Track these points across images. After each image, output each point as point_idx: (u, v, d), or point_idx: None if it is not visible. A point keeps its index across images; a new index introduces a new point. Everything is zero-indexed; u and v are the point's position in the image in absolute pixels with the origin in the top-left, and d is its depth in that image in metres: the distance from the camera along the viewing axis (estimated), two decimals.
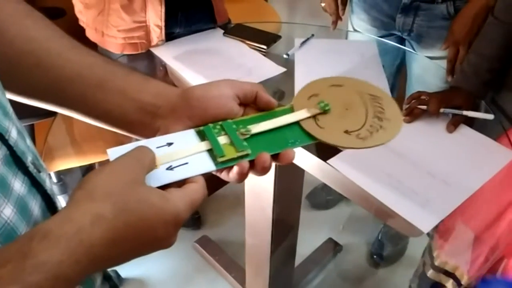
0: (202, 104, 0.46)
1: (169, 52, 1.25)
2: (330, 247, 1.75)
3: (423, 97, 1.05)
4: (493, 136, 1.01)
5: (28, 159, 0.40)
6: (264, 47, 1.29)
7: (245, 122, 0.47)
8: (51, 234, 0.31)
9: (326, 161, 0.93)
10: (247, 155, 0.44)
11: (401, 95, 1.37)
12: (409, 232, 0.90)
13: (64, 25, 0.50)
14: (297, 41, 1.32)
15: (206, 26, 1.35)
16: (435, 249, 1.12)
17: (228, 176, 0.45)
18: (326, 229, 1.82)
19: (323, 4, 1.43)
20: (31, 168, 0.39)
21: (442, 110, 1.02)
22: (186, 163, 0.42)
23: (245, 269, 1.45)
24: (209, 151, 0.44)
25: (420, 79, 1.37)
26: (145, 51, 1.26)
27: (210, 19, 1.34)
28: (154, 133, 0.48)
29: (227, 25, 1.40)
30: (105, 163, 0.38)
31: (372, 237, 1.75)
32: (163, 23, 1.22)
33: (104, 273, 0.52)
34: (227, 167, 0.44)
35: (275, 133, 0.47)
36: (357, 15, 1.43)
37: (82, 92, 0.46)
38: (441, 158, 0.96)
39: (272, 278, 1.35)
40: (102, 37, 1.24)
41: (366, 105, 0.51)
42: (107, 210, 0.34)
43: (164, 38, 1.25)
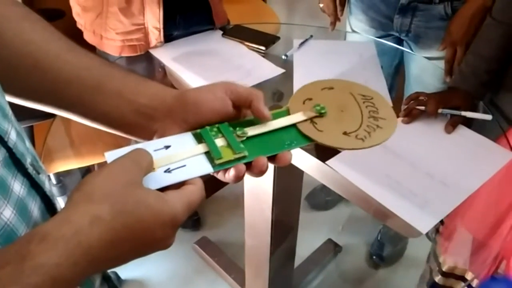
0: (196, 108, 0.46)
1: (168, 54, 1.25)
2: (330, 248, 1.75)
3: (421, 98, 1.05)
4: (491, 137, 1.01)
5: (27, 161, 0.40)
6: (263, 48, 1.29)
7: (242, 125, 0.47)
8: (50, 236, 0.31)
9: (325, 162, 0.93)
10: (244, 157, 0.44)
11: (400, 96, 1.37)
12: (408, 232, 0.90)
13: (63, 26, 0.51)
14: (296, 42, 1.32)
15: (205, 28, 1.35)
16: (440, 254, 1.12)
17: (225, 177, 0.45)
18: (326, 230, 1.82)
19: (321, 5, 1.44)
20: (30, 170, 0.40)
21: (440, 110, 1.02)
22: (184, 165, 0.42)
23: (245, 270, 1.45)
24: (207, 154, 0.44)
25: (418, 80, 1.38)
26: (143, 53, 1.26)
27: (208, 21, 1.34)
28: (152, 135, 0.48)
29: (225, 26, 1.40)
30: (103, 165, 0.38)
31: (372, 238, 1.75)
32: (162, 26, 1.22)
33: (103, 274, 0.52)
34: (225, 168, 0.44)
35: (272, 135, 0.47)
36: (355, 16, 1.44)
37: (80, 94, 0.46)
38: (440, 159, 0.96)
39: (272, 279, 1.35)
40: (100, 40, 1.24)
41: (360, 106, 0.51)
42: (105, 211, 0.34)
43: (162, 40, 1.25)
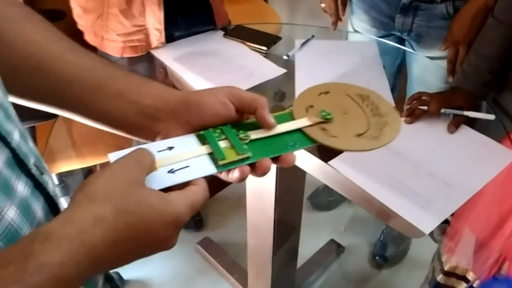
0: (199, 110, 0.46)
1: (169, 54, 1.25)
2: (332, 248, 1.75)
3: (423, 98, 1.05)
4: (495, 137, 1.01)
5: (31, 161, 0.40)
6: (265, 48, 1.29)
7: (245, 127, 0.47)
8: (53, 235, 0.32)
9: (327, 163, 0.93)
10: (247, 158, 0.44)
11: (402, 96, 1.37)
12: (411, 233, 0.90)
13: (63, 27, 0.50)
14: (298, 42, 1.32)
15: (206, 29, 1.36)
16: (443, 254, 1.12)
17: (228, 177, 0.45)
18: (328, 230, 1.82)
19: (323, 5, 1.43)
20: (34, 170, 0.40)
21: (443, 110, 1.02)
22: (188, 166, 0.42)
23: (247, 271, 1.45)
24: (210, 155, 0.44)
25: (420, 79, 1.37)
26: (145, 53, 1.26)
27: (210, 22, 1.34)
28: (155, 136, 0.48)
29: (227, 26, 1.40)
30: (106, 165, 0.38)
31: (374, 238, 1.75)
32: (163, 27, 1.22)
33: (106, 274, 0.52)
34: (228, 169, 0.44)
35: (275, 137, 0.47)
36: (357, 16, 1.44)
37: (82, 94, 0.46)
38: (442, 159, 0.96)
39: (274, 280, 1.35)
40: (101, 41, 1.24)
41: (360, 106, 0.51)
42: (108, 211, 0.34)
43: (164, 40, 1.25)
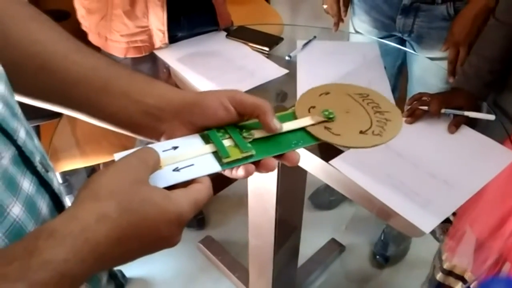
0: (202, 112, 0.47)
1: (172, 55, 1.25)
2: (333, 247, 1.76)
3: (424, 98, 1.05)
4: (495, 138, 1.01)
5: (36, 159, 0.40)
6: (267, 49, 1.30)
7: (248, 127, 0.48)
8: (57, 232, 0.32)
9: (328, 162, 0.94)
10: (251, 156, 0.45)
11: (403, 96, 1.38)
12: (411, 232, 0.90)
13: (68, 28, 0.50)
14: (299, 43, 1.33)
15: (209, 30, 1.36)
16: (444, 252, 1.12)
17: (232, 173, 0.45)
18: (329, 229, 1.82)
19: (325, 6, 1.44)
20: (39, 168, 0.40)
21: (443, 110, 1.02)
22: (192, 164, 0.43)
23: (249, 269, 1.45)
24: (214, 153, 0.45)
25: (421, 80, 1.38)
26: (148, 54, 1.26)
27: (212, 23, 1.35)
28: (159, 136, 0.48)
29: (229, 27, 1.40)
30: (110, 164, 0.39)
31: (375, 238, 1.76)
32: (166, 28, 1.23)
33: (110, 272, 0.53)
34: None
35: (278, 135, 0.48)
36: (358, 17, 1.44)
37: (87, 94, 0.46)
38: (443, 158, 0.96)
39: (275, 278, 1.35)
40: (105, 42, 1.24)
41: (362, 104, 0.52)
42: (112, 209, 0.34)
43: (167, 41, 1.26)
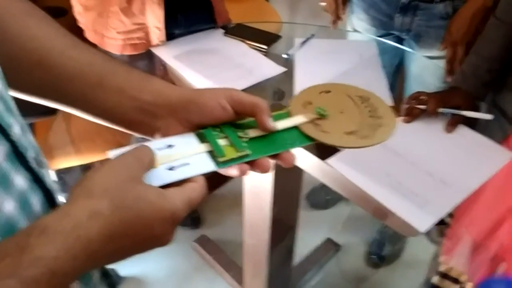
0: (199, 110, 0.47)
1: (169, 52, 1.25)
2: (329, 247, 1.76)
3: (422, 97, 1.05)
4: (494, 139, 1.01)
5: (30, 155, 0.40)
6: (265, 47, 1.29)
7: (244, 126, 0.48)
8: (49, 229, 0.32)
9: (324, 161, 0.93)
10: (247, 156, 0.45)
11: (400, 95, 1.38)
12: (407, 231, 0.90)
13: (65, 24, 0.50)
14: (297, 41, 1.32)
15: (206, 27, 1.35)
16: (440, 255, 1.12)
17: (226, 172, 0.45)
18: (325, 229, 1.82)
19: (323, 4, 1.43)
20: (33, 164, 0.40)
21: (440, 110, 1.02)
22: (187, 163, 0.43)
23: (244, 269, 1.45)
24: (210, 153, 0.44)
25: (419, 79, 1.38)
26: (145, 51, 1.26)
27: (210, 20, 1.35)
28: (154, 132, 0.48)
29: (227, 25, 1.40)
30: (105, 162, 0.38)
31: (371, 237, 1.76)
32: (163, 25, 1.22)
33: (102, 270, 0.52)
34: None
35: (274, 135, 0.48)
36: (356, 15, 1.44)
37: (82, 90, 0.46)
38: (440, 158, 0.96)
39: (270, 278, 1.35)
40: (102, 39, 1.24)
41: (358, 107, 0.53)
42: (105, 206, 0.34)
43: (164, 38, 1.25)
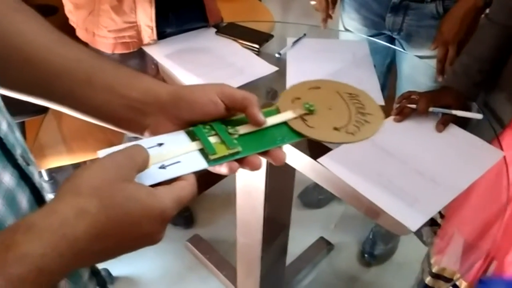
0: (189, 107, 0.46)
1: (161, 51, 1.24)
2: (322, 246, 1.76)
3: (413, 97, 1.06)
4: (485, 139, 1.01)
5: (18, 152, 0.40)
6: (257, 46, 1.29)
7: (234, 123, 0.48)
8: (35, 226, 0.31)
9: (316, 160, 0.94)
10: (238, 153, 0.45)
11: (392, 94, 1.38)
12: (398, 230, 0.91)
13: (56, 22, 0.50)
14: (289, 41, 1.32)
15: (198, 26, 1.35)
16: (432, 256, 1.13)
17: (215, 169, 0.45)
18: (318, 228, 1.83)
19: (313, 2, 1.43)
20: (20, 161, 0.40)
21: (431, 109, 1.03)
22: (179, 161, 0.42)
23: (237, 268, 1.45)
24: (201, 150, 0.44)
25: (410, 78, 1.38)
26: (136, 50, 1.25)
27: (201, 19, 1.34)
28: (144, 130, 0.48)
29: (219, 24, 1.40)
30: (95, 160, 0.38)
31: (364, 236, 1.76)
32: (154, 24, 1.22)
33: (92, 268, 0.52)
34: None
35: (264, 132, 0.48)
36: (347, 15, 1.44)
37: (70, 87, 0.46)
38: (430, 157, 0.97)
39: (263, 277, 1.35)
40: (93, 37, 1.23)
41: (346, 103, 0.53)
42: (92, 205, 0.34)
43: (155, 37, 1.25)
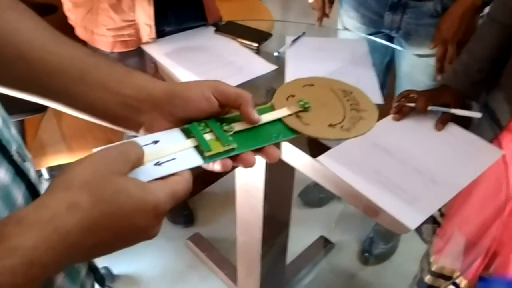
0: (183, 104, 0.46)
1: (160, 49, 1.25)
2: (322, 244, 1.76)
3: (412, 95, 1.06)
4: (485, 140, 1.02)
5: (13, 148, 0.40)
6: (256, 44, 1.29)
7: (229, 120, 0.48)
8: (25, 219, 0.31)
9: (315, 158, 0.94)
10: (233, 149, 0.45)
11: (391, 93, 1.38)
12: (397, 228, 0.90)
13: (55, 21, 0.50)
14: (288, 39, 1.33)
15: (197, 24, 1.35)
16: (432, 255, 1.13)
17: (208, 166, 0.45)
18: (318, 227, 1.83)
19: (310, 1, 1.43)
20: (16, 157, 0.40)
21: (430, 107, 1.03)
22: (174, 158, 0.43)
23: (237, 267, 1.45)
24: (196, 147, 0.45)
25: (409, 77, 1.38)
26: (135, 48, 1.26)
27: (201, 18, 1.34)
28: (138, 127, 0.48)
29: (218, 22, 1.40)
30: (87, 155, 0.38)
31: (364, 235, 1.76)
32: (153, 22, 1.22)
33: (89, 264, 0.52)
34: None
35: (259, 129, 0.48)
36: (346, 13, 1.44)
37: (64, 84, 0.46)
38: (430, 155, 0.97)
39: (264, 276, 1.35)
40: (91, 36, 1.23)
41: (341, 100, 0.53)
42: (84, 199, 0.34)
43: (154, 36, 1.25)
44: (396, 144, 0.98)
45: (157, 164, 0.41)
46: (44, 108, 1.14)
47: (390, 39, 1.41)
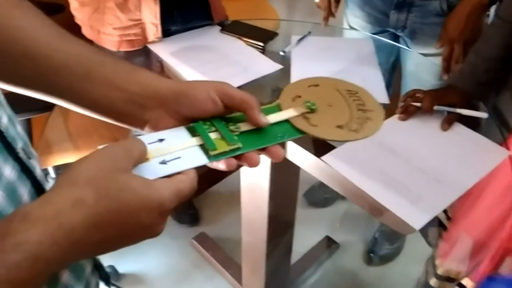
0: (189, 103, 0.46)
1: (165, 48, 1.25)
2: (327, 245, 1.76)
3: (418, 95, 1.05)
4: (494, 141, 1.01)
5: (19, 145, 0.40)
6: (261, 44, 1.29)
7: (235, 120, 0.48)
8: (30, 215, 0.32)
9: (320, 158, 0.94)
10: (238, 149, 0.45)
11: (397, 92, 1.38)
12: (402, 229, 0.90)
13: (62, 21, 0.50)
14: (294, 39, 1.33)
15: (203, 24, 1.36)
16: (437, 258, 1.12)
17: (213, 165, 0.45)
18: (323, 227, 1.82)
19: (316, 0, 1.43)
20: (21, 154, 0.40)
21: (436, 107, 1.02)
22: (179, 157, 0.43)
23: (242, 266, 1.45)
24: (201, 146, 0.45)
25: (415, 76, 1.38)
26: (141, 47, 1.26)
27: (207, 17, 1.35)
28: (144, 124, 0.48)
29: (224, 22, 1.40)
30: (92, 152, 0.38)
31: (369, 235, 1.76)
32: (159, 21, 1.22)
33: (94, 262, 0.53)
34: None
35: (264, 128, 0.48)
36: (352, 12, 1.44)
37: (69, 82, 0.46)
38: (435, 155, 0.96)
39: (269, 275, 1.35)
40: (98, 35, 1.24)
41: (346, 100, 0.53)
42: (89, 195, 0.34)
43: (160, 35, 1.25)
44: (402, 144, 0.98)
45: (163, 162, 0.42)
46: (50, 107, 1.15)
47: (395, 38, 1.40)
